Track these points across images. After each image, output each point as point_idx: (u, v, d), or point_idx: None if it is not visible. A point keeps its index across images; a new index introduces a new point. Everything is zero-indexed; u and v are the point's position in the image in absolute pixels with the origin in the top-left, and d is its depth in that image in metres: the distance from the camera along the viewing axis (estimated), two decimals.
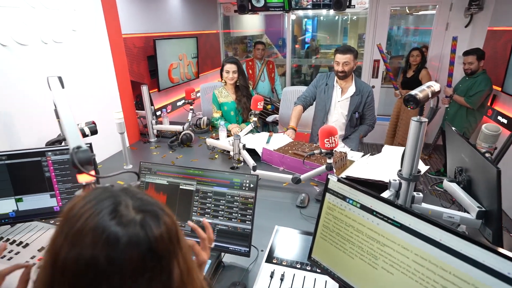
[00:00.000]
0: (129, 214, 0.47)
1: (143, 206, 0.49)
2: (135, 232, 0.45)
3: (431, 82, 1.00)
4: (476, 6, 3.72)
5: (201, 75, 4.42)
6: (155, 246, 0.46)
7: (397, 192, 1.11)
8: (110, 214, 0.46)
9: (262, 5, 4.44)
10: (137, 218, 0.47)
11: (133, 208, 0.48)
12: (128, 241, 0.44)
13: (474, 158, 1.09)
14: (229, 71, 2.51)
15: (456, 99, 3.19)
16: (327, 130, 1.44)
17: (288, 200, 1.58)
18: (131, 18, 3.05)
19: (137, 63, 3.18)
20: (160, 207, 0.51)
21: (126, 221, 0.45)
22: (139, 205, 0.49)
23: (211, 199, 1.21)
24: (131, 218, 0.46)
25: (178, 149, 2.27)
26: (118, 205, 0.47)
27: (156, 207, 0.51)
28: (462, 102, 3.14)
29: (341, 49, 2.22)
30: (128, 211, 0.47)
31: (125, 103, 2.30)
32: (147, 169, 1.29)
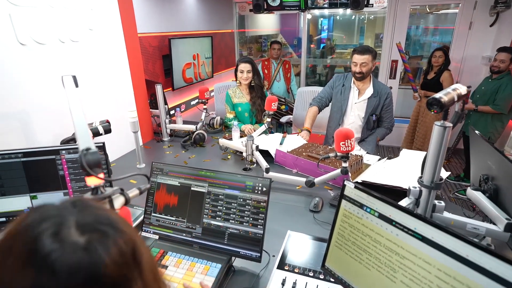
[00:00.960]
0: (70, 236, 0.39)
1: (91, 226, 0.42)
2: (76, 258, 0.38)
3: (457, 84, 0.94)
4: (503, 4, 3.55)
5: (215, 75, 4.42)
6: (104, 273, 0.39)
7: (417, 200, 1.06)
8: (49, 238, 0.38)
9: (277, 4, 4.39)
10: (81, 241, 0.39)
11: (77, 229, 0.40)
12: (67, 270, 0.37)
13: (503, 166, 1.02)
14: (244, 70, 2.49)
15: (482, 110, 3.05)
16: (343, 133, 1.39)
17: (301, 204, 1.54)
18: (147, 18, 3.08)
19: (152, 62, 3.21)
20: (112, 224, 0.44)
21: (66, 246, 0.38)
22: (86, 224, 0.42)
23: (223, 201, 1.18)
24: (73, 241, 0.39)
25: (191, 149, 2.27)
26: (60, 226, 0.40)
27: (107, 226, 0.43)
28: (489, 111, 2.99)
29: (359, 49, 2.16)
30: (69, 233, 0.40)
31: (139, 102, 2.31)
32: (159, 169, 1.28)
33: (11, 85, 1.47)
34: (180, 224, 1.22)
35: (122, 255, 0.41)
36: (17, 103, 1.51)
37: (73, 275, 0.37)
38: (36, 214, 0.42)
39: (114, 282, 0.40)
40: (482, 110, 3.06)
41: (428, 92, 3.49)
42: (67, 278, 0.37)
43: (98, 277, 0.38)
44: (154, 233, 1.25)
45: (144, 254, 0.46)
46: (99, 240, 0.40)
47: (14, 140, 1.50)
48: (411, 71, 3.80)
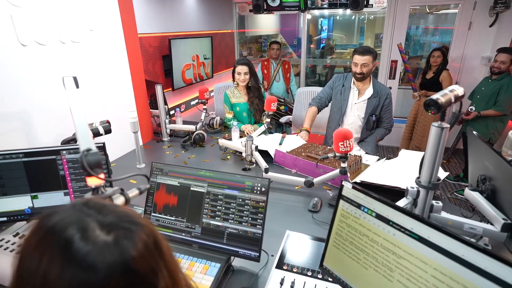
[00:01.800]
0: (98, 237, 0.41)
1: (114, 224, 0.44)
2: (111, 256, 0.41)
3: (454, 85, 0.95)
4: (503, 5, 3.56)
5: (215, 75, 4.43)
6: (135, 267, 0.42)
7: (415, 200, 1.07)
8: (81, 242, 0.40)
9: (277, 4, 4.40)
10: (109, 240, 0.42)
11: (101, 229, 0.42)
12: (107, 267, 0.40)
13: (500, 166, 1.03)
14: (241, 72, 2.50)
15: (486, 114, 3.04)
16: (342, 133, 1.40)
17: (300, 204, 1.54)
18: (147, 18, 3.09)
19: (152, 63, 3.22)
20: (133, 220, 0.46)
21: (99, 246, 0.41)
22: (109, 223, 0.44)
23: (222, 201, 1.19)
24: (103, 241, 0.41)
25: (190, 149, 2.28)
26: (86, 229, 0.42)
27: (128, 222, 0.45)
28: (492, 113, 2.99)
29: (360, 50, 2.16)
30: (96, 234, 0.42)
31: (139, 102, 2.32)
32: (159, 169, 1.29)
33: (12, 85, 1.48)
34: (180, 224, 1.23)
35: (147, 247, 0.44)
36: (18, 103, 1.52)
37: (112, 270, 0.40)
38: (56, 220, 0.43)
39: (143, 274, 0.43)
40: (485, 115, 3.06)
41: (428, 91, 3.50)
42: (106, 274, 0.40)
43: (130, 271, 0.41)
44: None
45: (164, 244, 0.49)
46: (125, 236, 0.43)
47: (15, 140, 1.51)
48: (411, 71, 3.81)
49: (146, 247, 0.44)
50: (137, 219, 0.47)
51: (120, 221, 0.45)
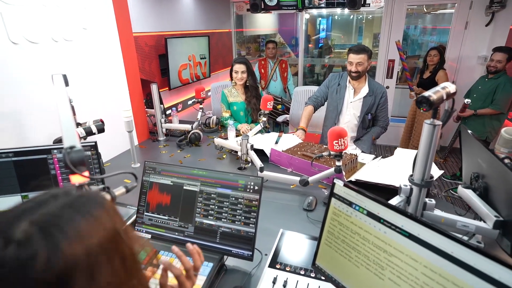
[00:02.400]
0: (15, 229, 0.38)
1: (42, 223, 0.39)
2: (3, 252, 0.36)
3: (446, 83, 0.95)
4: (498, 4, 3.57)
5: (213, 74, 4.42)
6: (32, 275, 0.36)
7: (408, 198, 1.06)
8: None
9: (275, 4, 4.40)
10: (18, 236, 0.37)
11: (29, 224, 0.38)
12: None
13: (492, 164, 1.02)
14: (238, 71, 2.49)
15: (482, 113, 3.05)
16: (336, 132, 1.39)
17: (295, 202, 1.54)
18: (143, 17, 3.08)
19: (148, 62, 3.21)
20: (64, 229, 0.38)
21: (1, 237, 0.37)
22: (38, 221, 0.39)
23: (215, 200, 1.18)
24: (10, 235, 0.37)
25: (186, 148, 2.27)
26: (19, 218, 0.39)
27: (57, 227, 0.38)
28: (489, 112, 2.99)
29: (355, 49, 2.16)
30: (20, 226, 0.38)
31: (134, 101, 2.31)
32: (152, 168, 1.28)
33: (3, 84, 1.47)
34: (173, 223, 1.22)
35: (55, 263, 0.36)
36: (9, 102, 1.51)
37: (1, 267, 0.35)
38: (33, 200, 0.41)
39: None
40: (482, 113, 3.06)
41: (424, 90, 3.50)
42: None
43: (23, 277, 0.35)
44: (146, 232, 1.25)
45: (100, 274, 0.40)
46: (40, 240, 0.36)
47: (6, 139, 1.50)
48: (408, 70, 3.82)
49: (53, 262, 0.36)
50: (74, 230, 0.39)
51: (49, 222, 0.38)
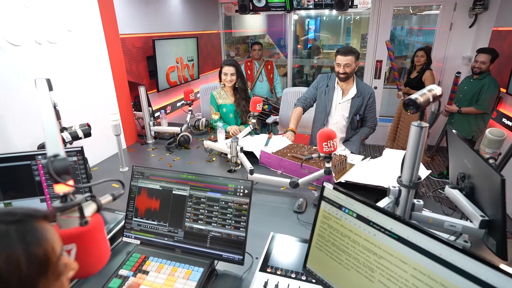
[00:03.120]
0: None
1: None
2: None
3: (433, 85, 0.96)
4: (481, 6, 3.66)
5: (202, 76, 4.39)
6: None
7: (397, 199, 1.07)
8: None
9: (263, 5, 4.41)
10: None
11: None
12: None
13: (477, 164, 1.05)
14: (227, 73, 2.48)
15: (467, 111, 3.12)
16: (325, 134, 1.40)
17: (286, 205, 1.54)
18: (130, 18, 3.03)
19: (136, 64, 3.16)
20: None
21: None
22: None
23: (205, 205, 1.17)
24: None
25: (175, 151, 2.24)
26: None
27: None
28: (473, 111, 3.06)
29: (342, 50, 2.18)
30: None
31: (122, 104, 2.27)
32: (140, 173, 1.26)
33: None
34: (162, 229, 1.20)
35: None
36: None
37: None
38: None
39: None
40: (466, 112, 3.13)
41: (411, 90, 3.56)
42: None
43: None
44: (135, 238, 1.22)
45: None
46: None
47: None
48: (397, 69, 3.88)
49: None
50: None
51: None
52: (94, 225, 0.57)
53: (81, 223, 0.54)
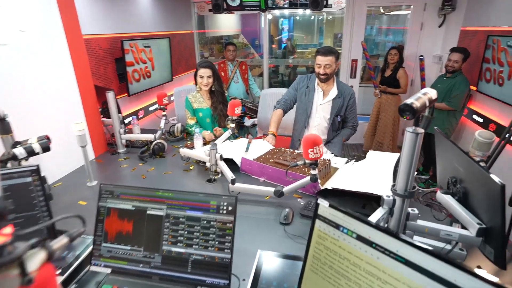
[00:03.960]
0: None
1: None
2: None
3: (427, 88, 0.91)
4: (449, 7, 3.76)
5: (175, 78, 4.21)
6: None
7: (391, 209, 1.01)
8: None
9: (237, 4, 4.30)
10: None
11: None
12: None
13: (471, 169, 1.01)
14: (204, 76, 2.35)
15: (438, 106, 3.19)
16: (311, 140, 1.32)
17: (271, 216, 1.45)
18: (94, 18, 2.82)
19: (103, 66, 2.95)
20: None
21: None
22: None
23: (184, 225, 1.05)
24: None
25: (149, 161, 2.09)
26: None
27: None
28: (444, 107, 3.13)
29: (322, 51, 2.12)
30: None
31: (88, 111, 2.08)
32: (109, 192, 1.12)
33: None
34: (136, 254, 1.07)
35: None
36: None
37: None
38: None
39: None
40: (437, 107, 3.20)
41: (388, 88, 3.62)
42: None
43: None
44: (105, 266, 1.08)
45: None
46: None
47: None
48: (372, 68, 3.92)
49: None
50: None
51: None
52: (42, 282, 0.44)
53: (23, 282, 0.41)
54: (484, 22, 3.17)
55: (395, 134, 3.81)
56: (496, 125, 2.85)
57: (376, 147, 3.96)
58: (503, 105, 2.67)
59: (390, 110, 3.68)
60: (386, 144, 3.83)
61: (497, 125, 2.84)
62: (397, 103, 3.65)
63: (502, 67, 2.64)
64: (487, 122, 2.98)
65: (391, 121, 3.71)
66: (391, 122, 3.71)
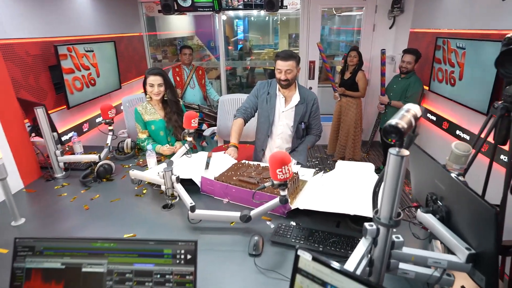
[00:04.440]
0: None
1: None
2: None
3: (409, 104, 0.80)
4: (398, 9, 3.89)
5: (124, 85, 3.85)
6: None
7: (374, 239, 0.89)
8: None
9: (189, 5, 4.05)
10: None
11: None
12: None
13: (455, 188, 0.93)
14: (154, 84, 2.11)
15: (395, 105, 3.25)
16: (279, 159, 1.17)
17: (239, 246, 1.27)
18: (21, 19, 2.42)
19: (34, 76, 2.54)
20: None
21: None
22: None
23: (132, 282, 0.84)
24: None
25: (94, 186, 1.80)
26: None
27: None
28: (401, 106, 3.18)
29: (282, 55, 2.00)
30: None
31: (11, 132, 1.73)
32: (28, 248, 0.87)
33: None
34: None
35: None
36: None
37: None
38: None
39: None
40: (394, 105, 3.27)
41: (347, 90, 3.62)
42: None
43: None
44: None
45: None
46: None
47: None
48: (330, 70, 3.91)
49: None
50: None
51: None
52: None
53: None
54: (431, 24, 3.30)
55: (357, 137, 3.84)
56: (449, 123, 2.96)
57: (339, 151, 3.97)
58: (455, 104, 2.78)
59: (351, 113, 3.70)
60: (349, 147, 3.85)
61: (449, 123, 2.96)
62: (357, 105, 3.67)
63: (453, 67, 2.74)
64: (441, 121, 3.10)
65: (353, 124, 3.72)
66: (353, 125, 3.72)
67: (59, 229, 1.42)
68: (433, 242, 1.15)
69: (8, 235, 1.37)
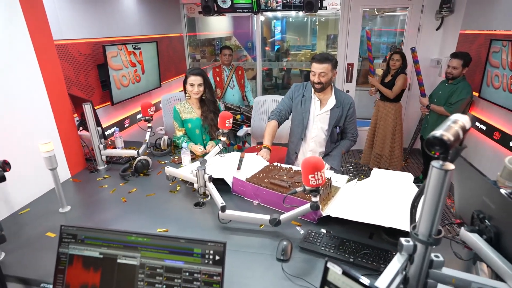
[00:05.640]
0: None
1: None
2: None
3: (457, 115, 0.74)
4: (447, 9, 3.64)
5: (164, 83, 4.02)
6: None
7: (411, 255, 0.84)
8: None
9: (228, 6, 4.12)
10: None
11: None
12: None
13: (505, 207, 0.84)
14: (194, 84, 2.17)
15: (434, 108, 3.05)
16: (312, 164, 1.15)
17: (267, 250, 1.27)
18: (74, 21, 2.61)
19: (84, 74, 2.74)
20: None
21: None
22: None
23: (162, 277, 0.87)
24: None
25: (132, 180, 1.89)
26: None
27: None
28: (441, 111, 2.98)
29: (318, 58, 1.96)
30: None
31: (62, 125, 1.88)
32: (71, 235, 0.93)
33: None
34: None
35: None
36: None
37: None
38: None
39: None
40: (434, 109, 3.06)
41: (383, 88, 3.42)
42: None
43: None
44: None
45: None
46: None
47: None
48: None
49: None
50: None
51: None
52: None
53: None
54: (485, 26, 3.05)
55: (396, 147, 3.58)
56: (501, 133, 2.71)
57: (374, 160, 3.74)
58: (509, 113, 2.54)
59: (389, 119, 3.48)
60: (385, 157, 3.61)
61: (502, 133, 2.71)
62: (396, 110, 3.47)
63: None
64: (492, 130, 2.85)
65: (390, 131, 3.49)
66: (390, 132, 3.49)
67: (98, 219, 1.51)
68: (477, 264, 1.06)
69: (56, 221, 1.49)
